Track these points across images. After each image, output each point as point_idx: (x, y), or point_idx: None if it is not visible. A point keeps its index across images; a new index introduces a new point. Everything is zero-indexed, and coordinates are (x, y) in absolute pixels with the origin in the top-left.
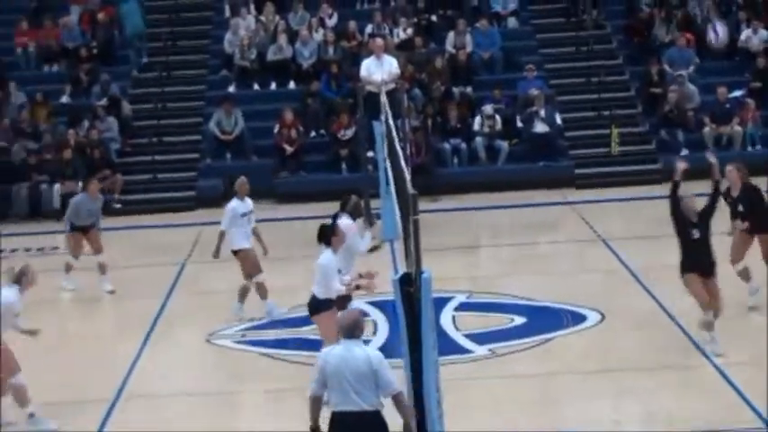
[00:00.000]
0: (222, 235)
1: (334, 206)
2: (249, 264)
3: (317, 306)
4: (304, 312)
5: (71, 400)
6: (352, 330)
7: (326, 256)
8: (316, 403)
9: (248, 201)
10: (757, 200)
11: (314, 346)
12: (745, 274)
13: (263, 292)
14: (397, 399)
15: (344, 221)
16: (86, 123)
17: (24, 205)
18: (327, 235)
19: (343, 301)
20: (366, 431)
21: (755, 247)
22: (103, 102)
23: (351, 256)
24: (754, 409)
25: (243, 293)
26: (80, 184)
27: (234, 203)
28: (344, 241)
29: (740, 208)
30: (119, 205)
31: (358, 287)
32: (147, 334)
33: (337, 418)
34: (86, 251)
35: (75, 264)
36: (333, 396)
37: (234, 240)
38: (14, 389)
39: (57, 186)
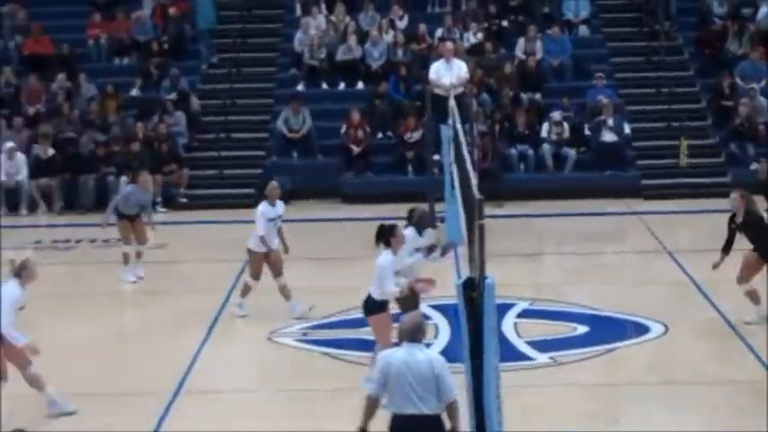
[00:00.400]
0: (262, 239)
1: (398, 208)
2: (257, 265)
3: (372, 307)
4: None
5: (132, 392)
6: (414, 334)
7: (385, 257)
8: (372, 404)
9: (279, 205)
10: (759, 226)
11: (372, 346)
12: (754, 296)
13: (286, 293)
14: (452, 406)
15: (407, 233)
16: (155, 117)
17: (91, 196)
18: (386, 235)
19: (410, 304)
20: None
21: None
22: (173, 96)
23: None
24: None
25: (244, 290)
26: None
27: (263, 208)
28: (404, 243)
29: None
30: (184, 199)
31: (413, 291)
32: (208, 329)
33: (398, 422)
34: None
35: (130, 250)
36: (394, 399)
37: (251, 240)
38: (30, 380)
39: (123, 178)
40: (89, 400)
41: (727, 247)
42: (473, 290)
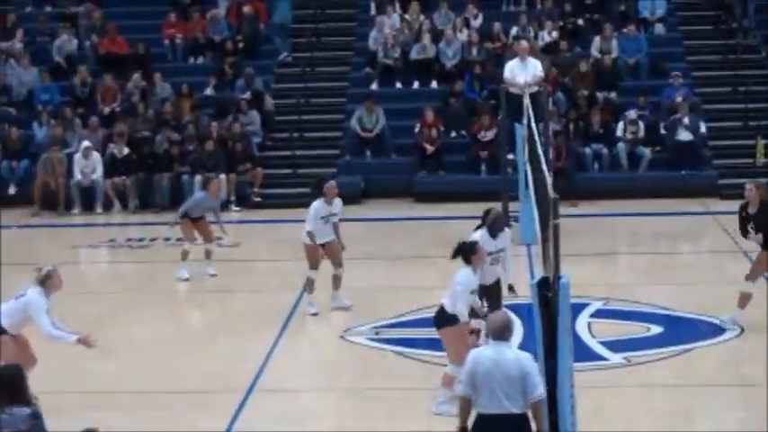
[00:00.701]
0: (309, 234)
1: (471, 207)
2: (311, 255)
3: (443, 319)
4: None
5: (205, 390)
6: (502, 332)
7: (464, 274)
8: (466, 404)
9: (336, 204)
10: None
11: None
12: (744, 299)
13: (337, 283)
14: (537, 405)
15: (480, 234)
16: (230, 116)
17: (165, 195)
18: (466, 252)
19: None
20: None
21: None
22: (247, 95)
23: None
24: None
25: (308, 286)
26: (222, 176)
27: (317, 205)
28: (484, 259)
29: (751, 226)
30: (258, 198)
31: (471, 331)
32: (282, 328)
33: (484, 421)
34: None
35: (191, 248)
36: (481, 398)
37: (303, 234)
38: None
39: (198, 177)
40: (163, 398)
41: (744, 234)
42: (547, 289)
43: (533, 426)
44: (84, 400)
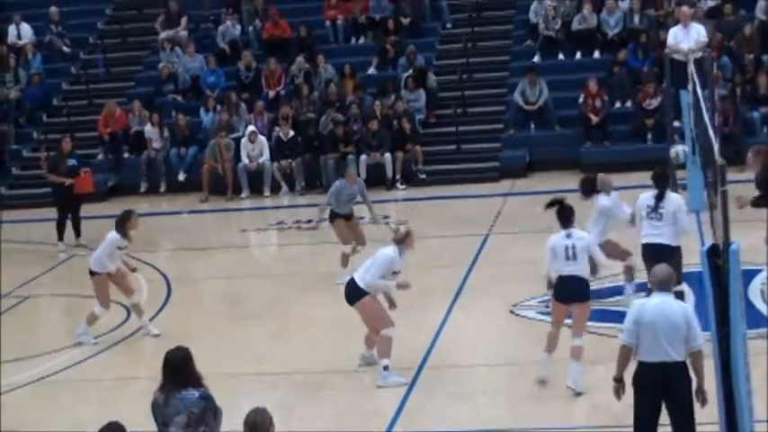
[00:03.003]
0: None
1: (638, 176)
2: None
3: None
4: (609, 284)
5: (376, 368)
6: (667, 283)
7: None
8: (626, 353)
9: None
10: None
11: (615, 317)
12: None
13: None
14: (698, 356)
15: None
16: (392, 95)
17: (332, 176)
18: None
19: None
20: (675, 381)
21: None
22: (409, 73)
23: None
24: None
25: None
26: (387, 154)
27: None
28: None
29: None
30: (423, 176)
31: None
32: (450, 304)
33: (648, 368)
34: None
35: (350, 251)
36: (643, 346)
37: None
38: (381, 339)
39: (363, 157)
40: (338, 378)
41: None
42: (718, 257)
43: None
44: (256, 380)
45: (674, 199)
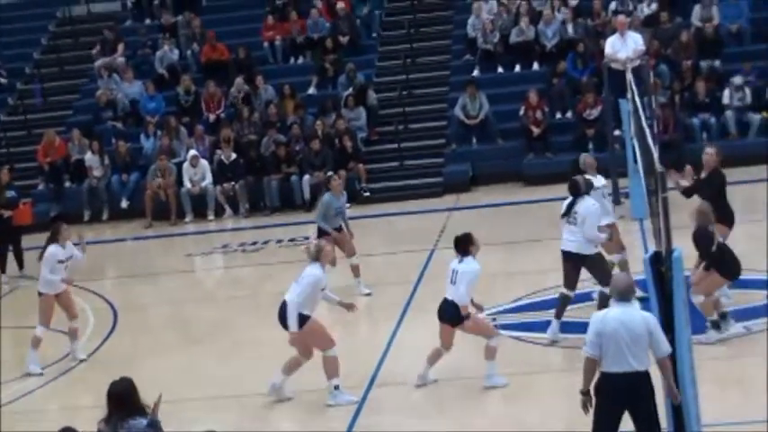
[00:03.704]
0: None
1: None
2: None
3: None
4: (551, 295)
5: (325, 387)
6: (627, 293)
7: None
8: (591, 365)
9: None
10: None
11: (565, 328)
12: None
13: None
14: (665, 362)
15: (588, 202)
16: (333, 114)
17: (275, 197)
18: (465, 244)
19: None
20: (637, 391)
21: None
22: (350, 91)
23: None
24: None
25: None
26: (330, 174)
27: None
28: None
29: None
30: (367, 193)
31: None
32: (399, 320)
33: (609, 379)
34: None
35: (357, 261)
36: (606, 357)
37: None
38: (328, 360)
39: (306, 177)
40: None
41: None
42: (661, 264)
43: (662, 381)
44: (206, 404)
45: (587, 206)
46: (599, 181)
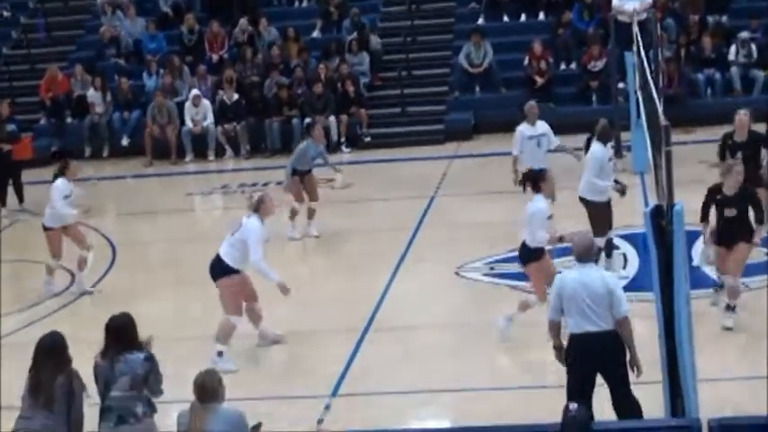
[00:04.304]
0: (515, 160)
1: (583, 138)
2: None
3: (528, 256)
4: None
5: (323, 330)
6: (587, 253)
7: (536, 203)
8: (555, 328)
9: (540, 125)
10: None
11: None
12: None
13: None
14: (624, 322)
15: (594, 147)
16: (337, 58)
17: (276, 139)
18: (536, 180)
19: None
20: (606, 350)
21: None
22: (354, 36)
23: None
24: None
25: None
26: (332, 117)
27: (521, 127)
28: (554, 186)
29: (739, 155)
30: (368, 138)
31: (561, 239)
32: (396, 266)
33: (577, 340)
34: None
35: (300, 208)
36: (571, 319)
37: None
38: (225, 324)
39: (307, 120)
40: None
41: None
42: (662, 217)
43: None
44: (200, 344)
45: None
46: (538, 129)
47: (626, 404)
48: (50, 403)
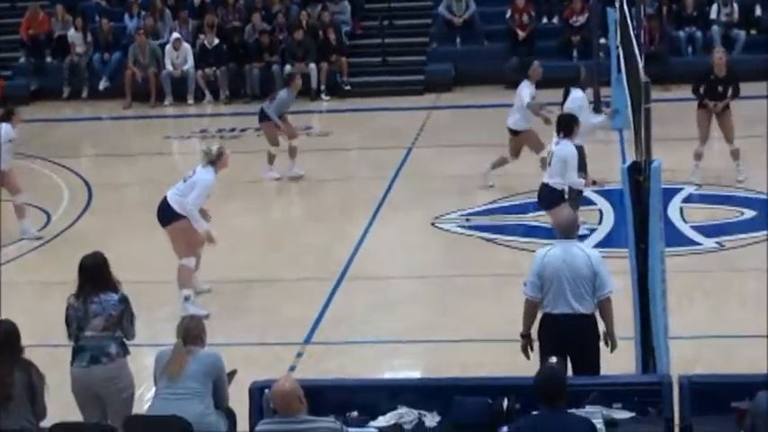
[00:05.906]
0: (537, 107)
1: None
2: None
3: (551, 198)
4: (529, 199)
5: (296, 278)
6: (570, 230)
7: (566, 147)
8: (531, 307)
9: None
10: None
11: (536, 233)
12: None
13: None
14: (606, 302)
15: (576, 94)
16: (319, 5)
17: (256, 85)
18: (570, 125)
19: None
20: (579, 333)
21: None
22: None
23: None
24: None
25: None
26: (312, 65)
27: (525, 85)
28: (579, 134)
29: (720, 89)
30: (348, 87)
31: (595, 182)
32: (372, 216)
33: (551, 321)
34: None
35: (277, 152)
36: (547, 298)
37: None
38: (182, 269)
39: (287, 67)
40: (255, 287)
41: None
42: (639, 174)
43: (600, 325)
44: (175, 287)
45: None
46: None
47: None
48: (6, 402)
